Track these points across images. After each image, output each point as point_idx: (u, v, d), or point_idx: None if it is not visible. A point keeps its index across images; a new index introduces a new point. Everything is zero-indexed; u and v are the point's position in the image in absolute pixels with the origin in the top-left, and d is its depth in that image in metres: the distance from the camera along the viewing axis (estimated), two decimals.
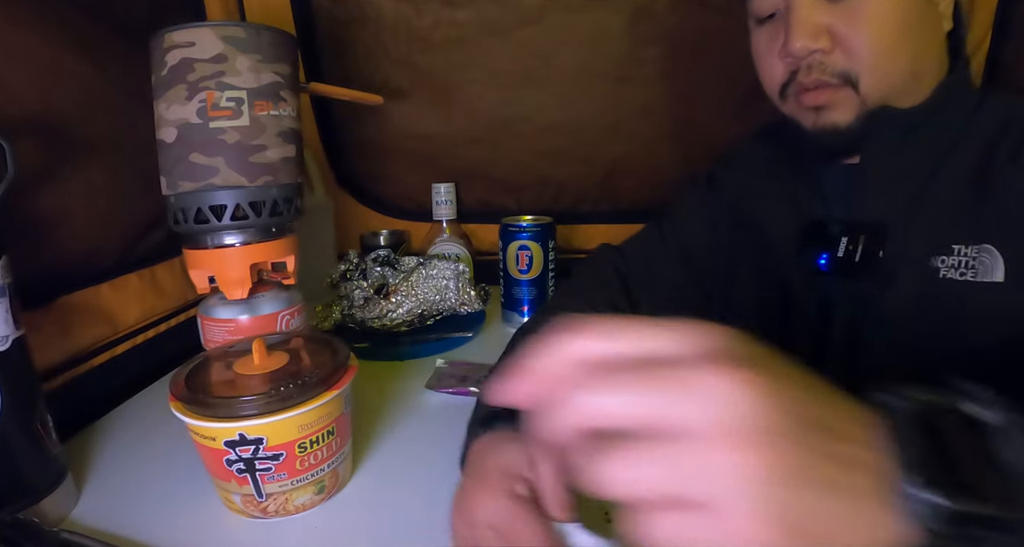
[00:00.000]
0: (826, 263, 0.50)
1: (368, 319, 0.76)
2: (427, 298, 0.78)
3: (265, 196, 0.52)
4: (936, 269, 0.45)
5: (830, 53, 0.45)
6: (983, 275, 0.43)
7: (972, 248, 0.44)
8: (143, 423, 0.58)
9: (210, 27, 0.49)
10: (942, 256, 0.45)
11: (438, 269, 0.80)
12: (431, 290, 0.78)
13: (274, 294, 0.56)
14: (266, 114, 0.51)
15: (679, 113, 0.89)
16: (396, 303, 0.77)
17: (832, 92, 0.46)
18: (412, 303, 0.77)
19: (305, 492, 0.42)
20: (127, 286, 0.65)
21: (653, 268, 0.65)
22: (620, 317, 0.21)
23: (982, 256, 0.43)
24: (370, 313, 0.76)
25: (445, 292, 0.79)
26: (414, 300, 0.77)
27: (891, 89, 0.46)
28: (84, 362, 0.60)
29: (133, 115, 0.59)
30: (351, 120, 0.94)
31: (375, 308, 0.76)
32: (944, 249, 0.45)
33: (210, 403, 0.39)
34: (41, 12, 0.53)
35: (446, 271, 0.80)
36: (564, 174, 0.97)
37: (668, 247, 0.66)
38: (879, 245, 0.47)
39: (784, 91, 0.50)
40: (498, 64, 0.86)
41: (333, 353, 0.45)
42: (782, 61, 0.48)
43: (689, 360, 0.19)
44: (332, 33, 0.85)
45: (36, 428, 0.41)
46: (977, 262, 0.43)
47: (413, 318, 0.78)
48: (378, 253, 0.85)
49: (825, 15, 0.45)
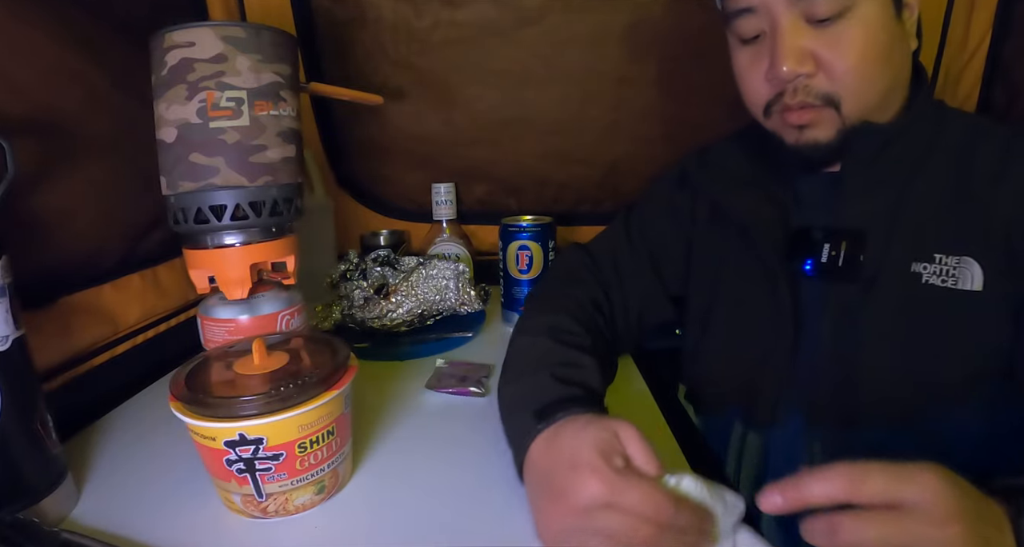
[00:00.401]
0: (811, 268, 0.52)
1: (368, 319, 0.76)
2: (427, 298, 0.78)
3: (265, 196, 0.52)
4: (919, 275, 0.47)
5: (814, 76, 0.47)
6: (963, 284, 0.46)
7: (953, 258, 0.46)
8: (143, 423, 0.58)
9: (210, 27, 0.49)
10: (924, 263, 0.47)
11: (438, 269, 0.80)
12: (431, 290, 0.78)
13: (274, 294, 0.56)
14: (266, 114, 0.51)
15: (679, 113, 0.89)
16: (396, 303, 0.77)
17: (816, 113, 0.48)
18: (412, 303, 0.77)
19: (305, 492, 0.42)
20: (129, 286, 0.65)
21: (620, 270, 0.66)
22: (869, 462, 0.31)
23: (962, 266, 0.46)
24: (370, 313, 0.76)
25: (445, 292, 0.79)
26: (414, 300, 0.77)
27: (869, 108, 0.49)
28: (84, 362, 0.60)
29: (133, 115, 0.59)
30: (351, 120, 0.94)
31: (375, 308, 0.76)
32: (926, 257, 0.47)
33: (210, 403, 0.39)
34: (42, 11, 0.53)
35: (446, 271, 0.79)
36: (564, 175, 0.97)
37: (635, 248, 0.67)
38: (860, 250, 0.49)
39: (769, 110, 0.52)
40: (498, 64, 0.86)
41: (333, 353, 0.45)
42: (768, 82, 0.50)
43: (923, 517, 0.30)
44: (332, 33, 0.85)
45: (36, 428, 0.41)
46: (958, 272, 0.46)
47: (413, 318, 0.78)
48: (378, 253, 0.84)
49: (810, 40, 0.46)
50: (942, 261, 0.46)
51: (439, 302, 0.79)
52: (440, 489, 0.46)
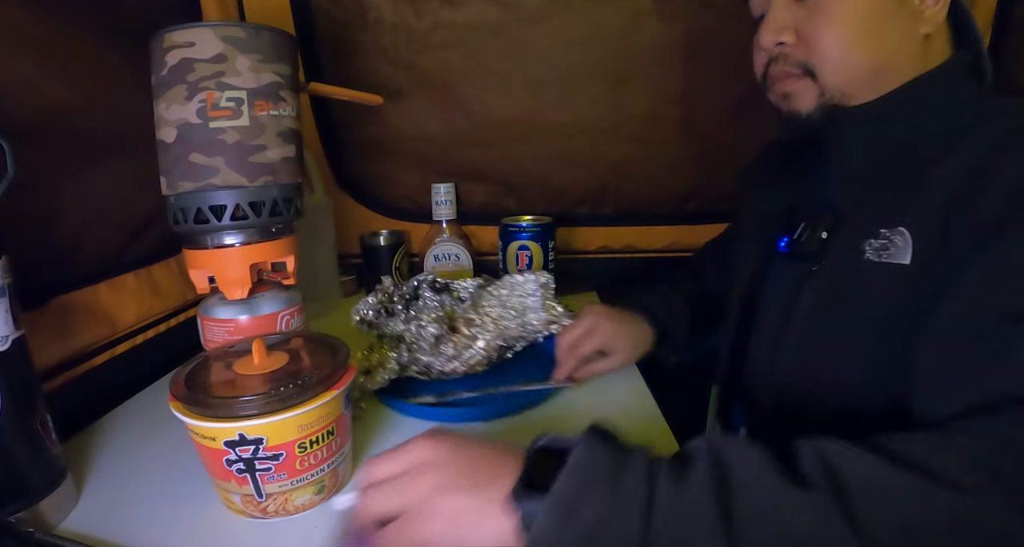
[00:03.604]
0: (785, 245, 0.56)
1: (438, 363, 0.60)
2: (506, 325, 0.62)
3: (265, 196, 0.52)
4: (862, 251, 0.48)
5: (794, 46, 0.51)
6: (895, 257, 0.45)
7: (892, 230, 0.46)
8: (143, 423, 0.58)
9: (210, 27, 0.49)
10: (870, 239, 0.48)
11: (511, 285, 0.64)
12: (509, 312, 0.63)
13: (274, 294, 0.56)
14: (266, 114, 0.51)
15: (679, 115, 0.89)
16: (470, 336, 0.60)
17: (794, 81, 0.52)
18: (490, 334, 0.61)
19: (305, 492, 0.42)
20: (124, 286, 0.65)
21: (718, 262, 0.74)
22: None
23: (895, 238, 0.46)
24: (441, 355, 0.59)
25: (525, 312, 0.63)
26: (491, 330, 0.61)
27: (849, 82, 0.50)
28: (84, 362, 0.60)
29: (132, 115, 0.59)
30: (351, 120, 0.94)
31: (447, 347, 0.59)
32: (873, 233, 0.47)
33: (210, 403, 0.39)
34: (41, 12, 0.53)
35: (526, 285, 0.63)
36: (564, 176, 0.97)
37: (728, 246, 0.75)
38: (828, 229, 0.51)
39: (764, 81, 0.56)
40: (497, 65, 0.86)
41: (333, 353, 0.45)
42: (760, 54, 0.55)
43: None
44: (331, 33, 0.85)
45: (36, 428, 0.41)
46: (891, 244, 0.46)
47: (491, 353, 0.61)
48: (424, 277, 0.70)
49: (795, 14, 0.50)
50: (883, 235, 0.47)
51: (520, 327, 0.63)
52: None
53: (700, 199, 0.98)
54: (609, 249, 1.02)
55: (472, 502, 0.32)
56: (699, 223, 0.98)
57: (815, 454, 0.31)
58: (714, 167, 0.93)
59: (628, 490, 0.30)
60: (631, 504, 0.30)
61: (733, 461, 0.31)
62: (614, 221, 1.00)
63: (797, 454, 0.32)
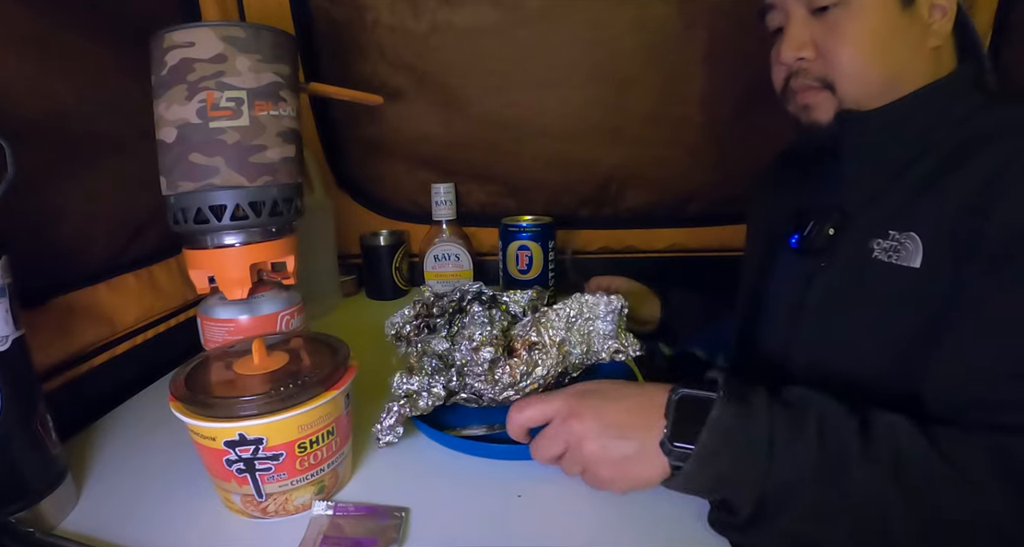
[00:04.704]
0: (796, 242, 0.57)
1: (489, 391, 0.50)
2: (568, 350, 0.53)
3: (265, 196, 0.52)
4: (871, 250, 0.49)
5: (814, 61, 0.53)
6: (904, 259, 0.47)
7: (903, 234, 0.47)
8: (143, 423, 0.58)
9: (210, 27, 0.49)
10: (878, 239, 0.49)
11: (579, 306, 0.54)
12: (575, 336, 0.54)
13: (274, 294, 0.56)
14: (266, 114, 0.51)
15: (680, 117, 0.89)
16: (531, 362, 0.51)
17: (815, 93, 0.54)
18: (552, 360, 0.51)
19: (305, 492, 0.42)
20: (124, 286, 0.65)
21: None
22: None
23: (906, 242, 0.47)
24: (497, 384, 0.50)
25: (592, 338, 0.54)
26: (554, 357, 0.52)
27: (866, 94, 0.52)
28: (84, 362, 0.60)
29: (132, 115, 0.59)
30: (351, 120, 0.94)
31: (503, 373, 0.50)
32: (882, 233, 0.49)
33: (210, 403, 0.39)
34: (41, 12, 0.53)
35: (597, 307, 0.54)
36: (564, 178, 0.97)
37: None
38: (835, 226, 0.53)
39: (785, 93, 0.58)
40: (497, 66, 0.86)
41: (333, 353, 0.45)
42: (780, 68, 0.57)
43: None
44: (331, 34, 0.85)
45: (36, 428, 0.41)
46: (901, 246, 0.47)
47: (549, 382, 0.52)
48: (468, 288, 0.62)
49: (813, 29, 0.53)
50: (893, 236, 0.48)
51: (584, 354, 0.54)
52: (440, 489, 0.46)
53: (701, 201, 0.98)
54: (609, 250, 1.03)
55: (631, 449, 0.41)
56: (700, 225, 0.98)
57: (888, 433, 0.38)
58: (715, 169, 0.93)
59: (755, 442, 0.38)
60: (757, 453, 0.38)
61: (832, 425, 0.39)
62: (614, 223, 1.00)
63: (872, 425, 0.39)
